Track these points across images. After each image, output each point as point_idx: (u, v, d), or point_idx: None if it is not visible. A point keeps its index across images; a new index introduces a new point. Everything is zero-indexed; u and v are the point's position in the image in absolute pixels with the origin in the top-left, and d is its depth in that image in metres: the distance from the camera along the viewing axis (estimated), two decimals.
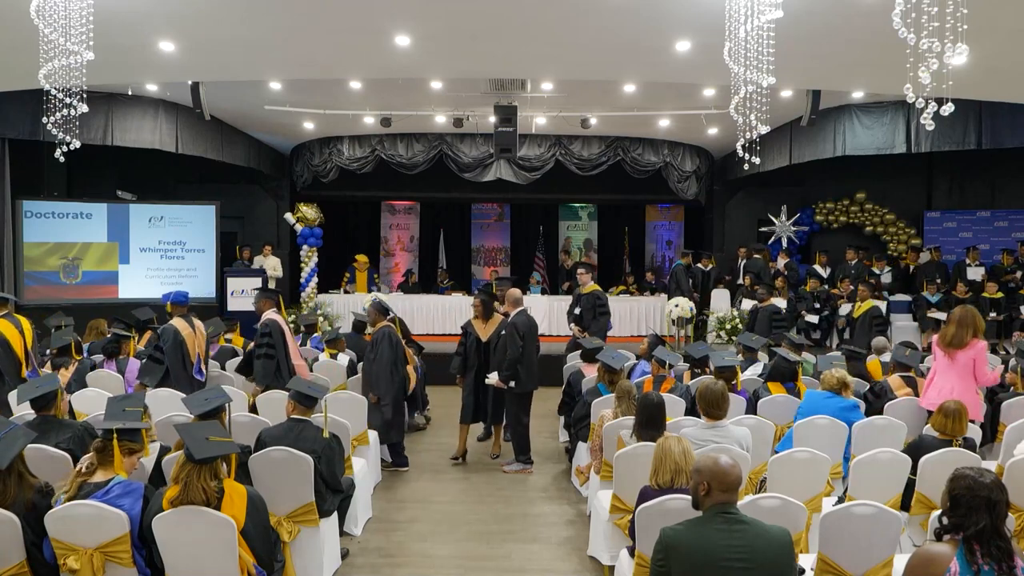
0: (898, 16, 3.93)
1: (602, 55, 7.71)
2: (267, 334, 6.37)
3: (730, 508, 2.73)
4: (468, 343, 6.99)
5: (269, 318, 6.47)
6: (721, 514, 2.72)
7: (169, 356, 6.33)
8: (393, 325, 6.84)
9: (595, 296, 8.74)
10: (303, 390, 4.57)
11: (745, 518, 2.74)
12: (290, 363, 6.43)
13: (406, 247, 16.57)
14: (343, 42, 7.35)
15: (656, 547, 2.73)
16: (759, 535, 2.69)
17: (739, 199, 14.29)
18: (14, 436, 3.37)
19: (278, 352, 6.35)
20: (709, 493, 2.75)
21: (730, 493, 2.75)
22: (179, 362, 6.36)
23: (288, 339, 6.50)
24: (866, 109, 10.37)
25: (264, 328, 6.42)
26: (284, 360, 6.39)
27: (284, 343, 6.43)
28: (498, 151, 10.87)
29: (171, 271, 12.20)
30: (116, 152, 10.75)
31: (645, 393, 4.81)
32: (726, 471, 2.75)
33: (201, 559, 3.26)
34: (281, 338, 6.42)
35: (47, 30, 5.27)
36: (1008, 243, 12.57)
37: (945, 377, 5.53)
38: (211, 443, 3.32)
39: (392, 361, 6.55)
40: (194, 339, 6.49)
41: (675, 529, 2.73)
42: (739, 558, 2.63)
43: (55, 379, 4.61)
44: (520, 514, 5.65)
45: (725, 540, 2.66)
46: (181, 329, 6.42)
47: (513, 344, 6.57)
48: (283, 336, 6.44)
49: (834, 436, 5.04)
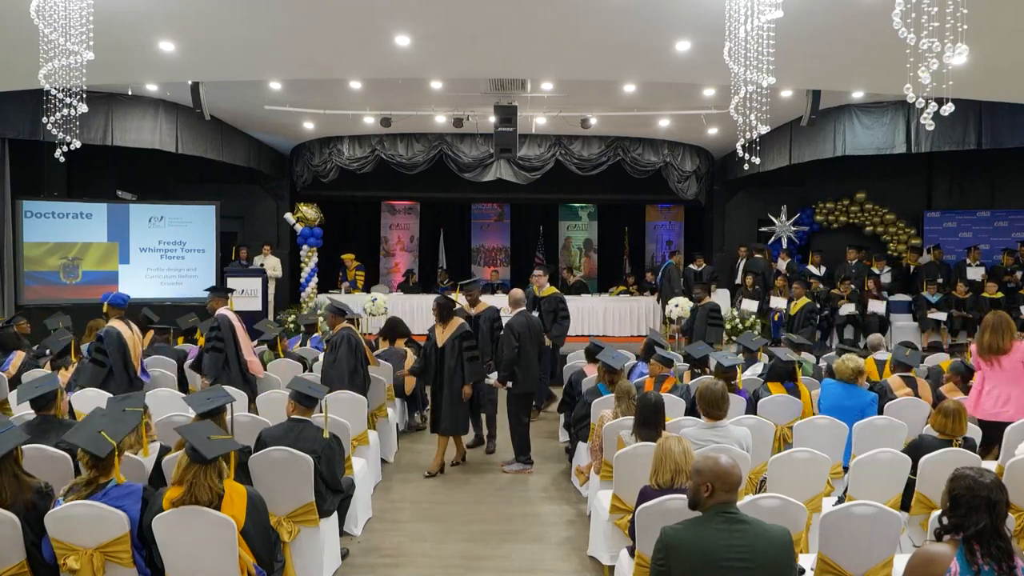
0: (898, 16, 3.93)
1: (602, 55, 7.71)
2: (216, 328, 6.45)
3: (730, 508, 2.73)
4: (428, 349, 6.68)
5: (221, 313, 6.58)
6: (722, 514, 2.71)
7: (113, 358, 6.25)
8: (353, 326, 6.74)
9: (557, 299, 8.58)
10: (303, 390, 4.57)
11: (746, 518, 2.74)
12: (241, 359, 6.49)
13: (406, 247, 16.57)
14: (343, 42, 7.35)
15: (656, 546, 2.73)
16: (759, 535, 2.69)
17: (739, 199, 14.29)
18: (7, 437, 3.33)
19: (227, 346, 6.42)
20: (712, 494, 2.74)
21: (731, 493, 2.75)
22: (122, 364, 6.29)
23: (240, 334, 6.54)
24: (866, 109, 10.38)
25: (214, 322, 6.50)
26: (234, 355, 6.46)
27: (234, 338, 6.48)
28: (498, 151, 10.87)
29: (171, 271, 12.21)
30: (116, 152, 10.75)
31: (644, 393, 4.81)
32: (728, 471, 2.75)
33: (201, 559, 3.26)
34: (231, 333, 6.48)
35: (47, 30, 5.27)
36: (1008, 243, 12.57)
37: (998, 384, 5.36)
38: (215, 442, 3.33)
39: (352, 365, 6.42)
40: (133, 339, 6.46)
41: (675, 528, 2.73)
42: (739, 558, 2.63)
43: (55, 379, 4.61)
44: (520, 514, 5.65)
45: (726, 540, 2.66)
46: (123, 331, 6.38)
47: (509, 345, 6.57)
48: (233, 331, 6.50)
49: (834, 436, 5.05)
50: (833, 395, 5.44)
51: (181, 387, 6.98)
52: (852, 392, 5.39)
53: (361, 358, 6.58)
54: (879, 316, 11.35)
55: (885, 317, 11.43)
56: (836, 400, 5.39)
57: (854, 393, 5.39)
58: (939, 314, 11.36)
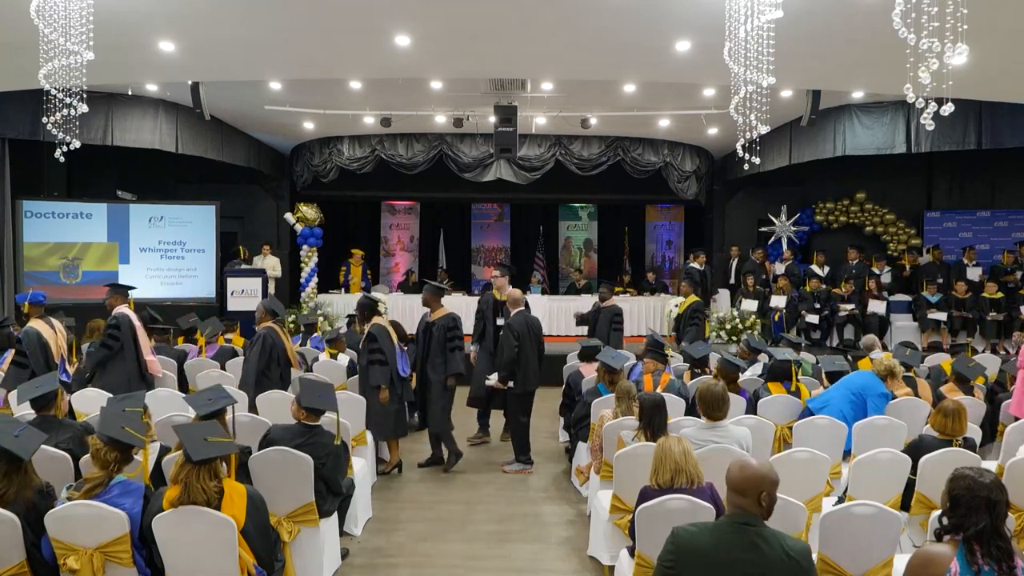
0: (898, 16, 3.93)
1: (602, 55, 7.71)
2: (114, 326, 6.39)
3: (752, 518, 2.60)
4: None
5: (119, 312, 6.50)
6: (740, 524, 2.58)
7: (33, 359, 6.20)
8: (278, 328, 6.58)
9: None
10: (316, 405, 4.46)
11: (765, 530, 2.58)
12: (141, 358, 6.45)
13: (406, 247, 16.57)
14: (343, 42, 7.35)
15: (667, 547, 2.62)
16: (779, 548, 2.55)
17: (739, 199, 14.29)
18: (32, 433, 3.43)
19: (125, 346, 6.37)
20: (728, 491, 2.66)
21: (739, 495, 2.63)
22: (44, 365, 6.23)
23: (139, 334, 6.49)
24: (866, 109, 10.38)
25: (112, 320, 6.44)
26: (132, 354, 6.41)
27: (133, 337, 6.43)
28: (498, 151, 10.88)
29: (171, 271, 12.22)
30: (116, 152, 10.75)
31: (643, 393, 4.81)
32: (743, 474, 2.62)
33: (201, 559, 3.26)
34: (130, 332, 6.42)
35: (47, 30, 5.27)
36: (1008, 243, 12.57)
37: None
38: (210, 443, 3.31)
39: (262, 365, 6.30)
40: (56, 339, 6.43)
41: (689, 532, 2.61)
42: (756, 574, 2.51)
43: (55, 379, 4.60)
44: (520, 514, 5.65)
45: (742, 551, 2.53)
46: (42, 330, 6.34)
47: (508, 345, 6.56)
48: (133, 330, 6.45)
49: (834, 436, 5.05)
50: (854, 376, 5.60)
51: (181, 387, 6.98)
52: (870, 379, 5.51)
53: (278, 358, 6.43)
54: (879, 316, 11.35)
55: (885, 317, 11.44)
56: (851, 377, 5.57)
57: (869, 380, 5.50)
58: (939, 314, 11.36)
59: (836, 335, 11.62)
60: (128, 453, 3.52)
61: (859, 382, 5.47)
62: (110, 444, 3.43)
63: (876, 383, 5.44)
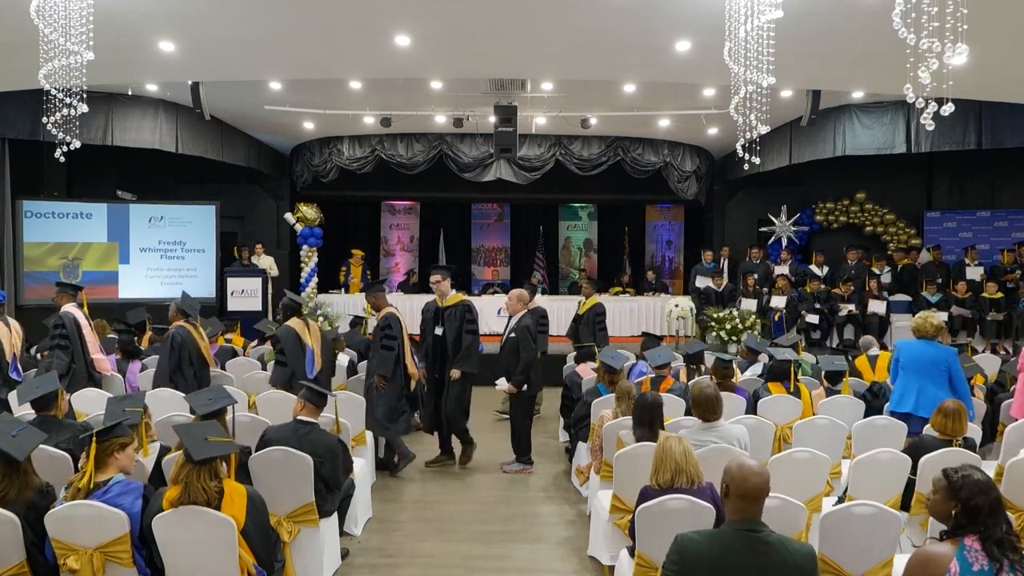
0: (898, 16, 3.93)
1: (602, 55, 7.71)
2: (60, 325, 6.42)
3: (757, 525, 2.55)
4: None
5: (64, 311, 6.51)
6: (745, 531, 2.53)
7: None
8: (190, 327, 6.49)
9: (464, 308, 6.66)
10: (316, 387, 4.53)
11: (770, 537, 2.53)
12: (87, 356, 6.46)
13: (406, 247, 16.57)
14: (343, 42, 7.35)
15: (671, 553, 2.58)
16: (783, 555, 2.50)
17: (739, 199, 14.29)
18: (31, 433, 3.43)
19: (72, 344, 6.39)
20: (727, 495, 2.60)
21: (755, 505, 2.56)
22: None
23: (85, 332, 6.50)
24: (866, 109, 10.37)
25: (58, 320, 6.47)
26: (80, 353, 6.43)
27: (80, 336, 6.45)
28: (498, 151, 10.87)
29: (171, 271, 12.21)
30: (116, 152, 10.74)
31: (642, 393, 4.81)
32: (743, 475, 2.56)
33: (201, 559, 3.26)
34: (76, 330, 6.44)
35: (47, 30, 5.26)
36: (1008, 243, 12.56)
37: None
38: (210, 443, 3.31)
39: (172, 365, 6.28)
40: (10, 338, 6.43)
41: (693, 539, 2.55)
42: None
43: (54, 379, 4.61)
44: (520, 514, 5.65)
45: (747, 559, 2.49)
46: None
47: (528, 347, 6.52)
48: (78, 329, 6.46)
49: (834, 436, 5.05)
50: (915, 349, 5.48)
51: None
52: (935, 346, 5.45)
53: (189, 357, 6.39)
54: (879, 316, 11.35)
55: (885, 317, 11.43)
56: (918, 354, 5.43)
57: (937, 347, 5.45)
58: (939, 314, 11.34)
59: (836, 335, 11.61)
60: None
61: (931, 354, 5.35)
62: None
63: (941, 348, 5.40)
